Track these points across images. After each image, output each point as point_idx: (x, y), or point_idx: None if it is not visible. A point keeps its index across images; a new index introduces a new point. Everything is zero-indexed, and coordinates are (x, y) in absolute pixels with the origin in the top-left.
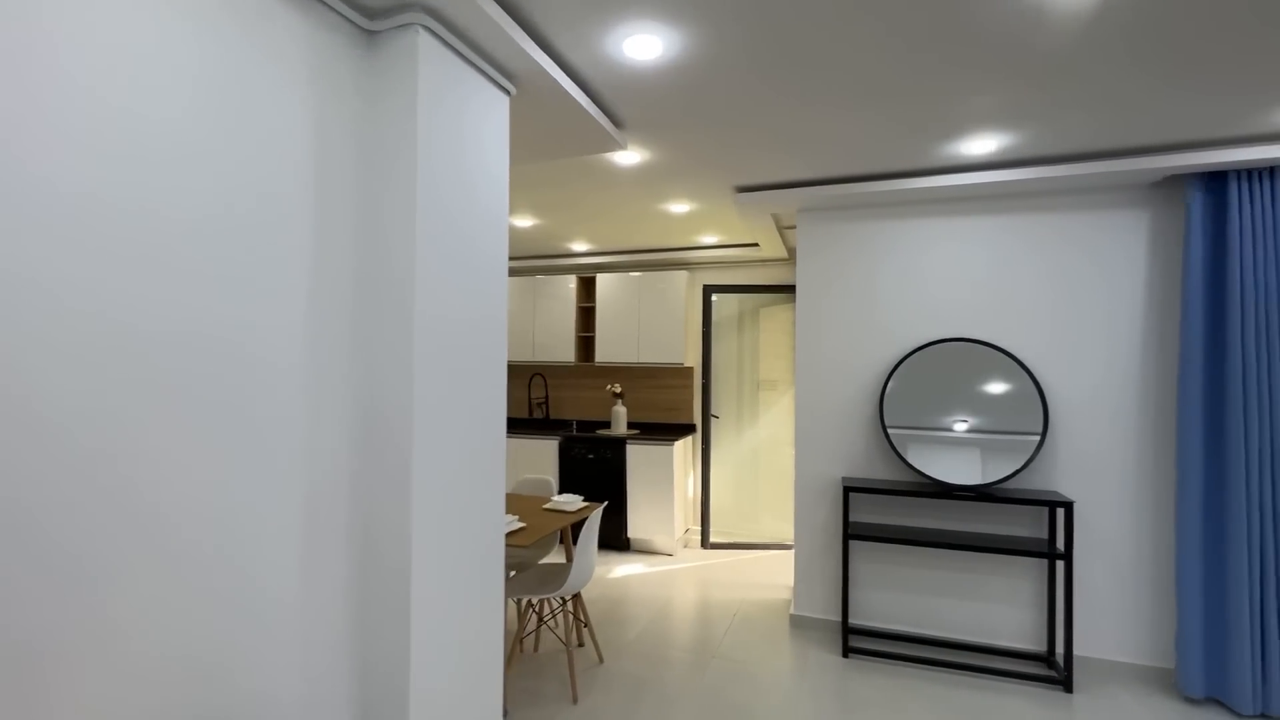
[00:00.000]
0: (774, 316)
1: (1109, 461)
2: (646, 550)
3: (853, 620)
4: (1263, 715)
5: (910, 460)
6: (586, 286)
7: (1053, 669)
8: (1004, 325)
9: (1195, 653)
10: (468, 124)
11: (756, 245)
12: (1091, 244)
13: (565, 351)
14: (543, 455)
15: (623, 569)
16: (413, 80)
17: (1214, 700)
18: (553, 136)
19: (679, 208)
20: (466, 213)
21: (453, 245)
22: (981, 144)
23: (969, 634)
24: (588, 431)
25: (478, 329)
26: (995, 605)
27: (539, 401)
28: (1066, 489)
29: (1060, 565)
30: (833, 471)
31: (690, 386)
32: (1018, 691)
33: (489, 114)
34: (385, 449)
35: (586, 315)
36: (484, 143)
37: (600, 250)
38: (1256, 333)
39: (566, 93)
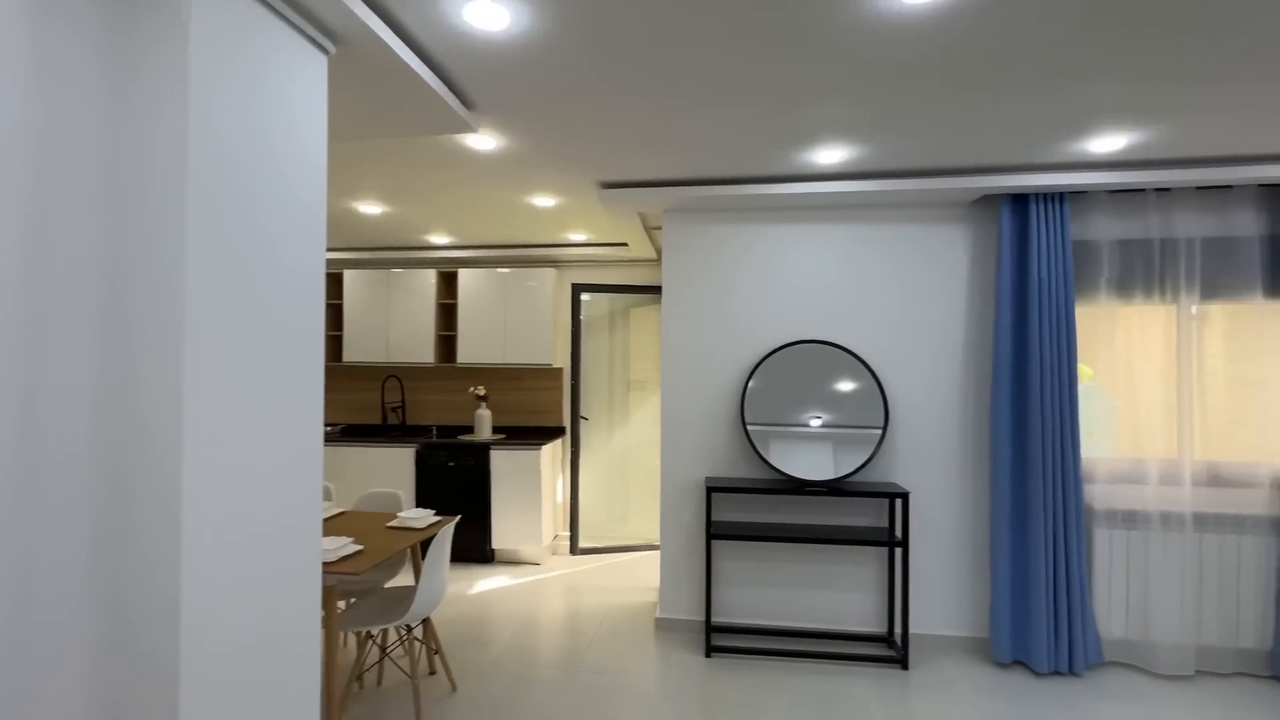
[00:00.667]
0: (645, 317)
1: (938, 454)
2: (513, 561)
3: (716, 619)
4: (1055, 673)
5: (770, 458)
6: (448, 282)
7: (892, 649)
8: (852, 328)
9: (1004, 622)
10: (270, 81)
11: (625, 245)
12: (926, 255)
13: (424, 352)
14: (397, 465)
15: (486, 583)
16: (184, 12)
17: (1019, 663)
18: (390, 110)
19: (544, 201)
20: (265, 187)
21: (243, 224)
22: (830, 154)
23: (822, 622)
24: (448, 437)
25: (282, 325)
26: (845, 593)
27: (394, 406)
28: (904, 480)
29: (899, 552)
30: (697, 472)
31: (559, 388)
32: (863, 673)
33: (298, 73)
34: (142, 475)
35: (448, 313)
36: (291, 105)
37: (463, 244)
38: (1054, 341)
39: (399, 58)
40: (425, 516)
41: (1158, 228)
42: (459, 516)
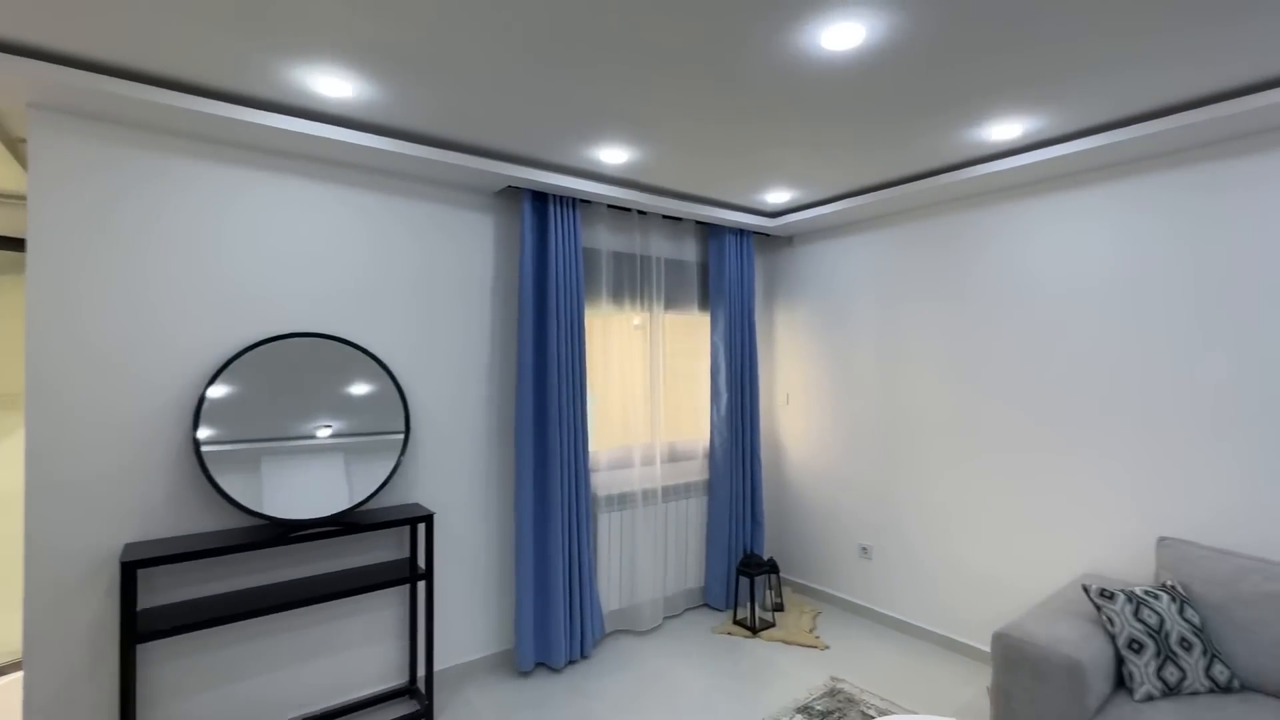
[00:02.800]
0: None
1: (465, 465)
2: None
3: None
4: (570, 663)
5: (248, 492)
6: None
7: (415, 699)
8: (366, 319)
9: (527, 627)
10: None
11: None
12: (454, 243)
13: None
14: None
15: None
16: None
17: (541, 665)
18: None
19: None
20: None
21: None
22: (330, 81)
23: (331, 698)
24: None
25: None
26: (357, 650)
27: None
28: (429, 499)
29: (422, 586)
30: (107, 538)
31: None
32: None
33: None
34: None
35: None
36: None
37: None
38: (569, 342)
39: None
40: None
41: (640, 245)
42: None
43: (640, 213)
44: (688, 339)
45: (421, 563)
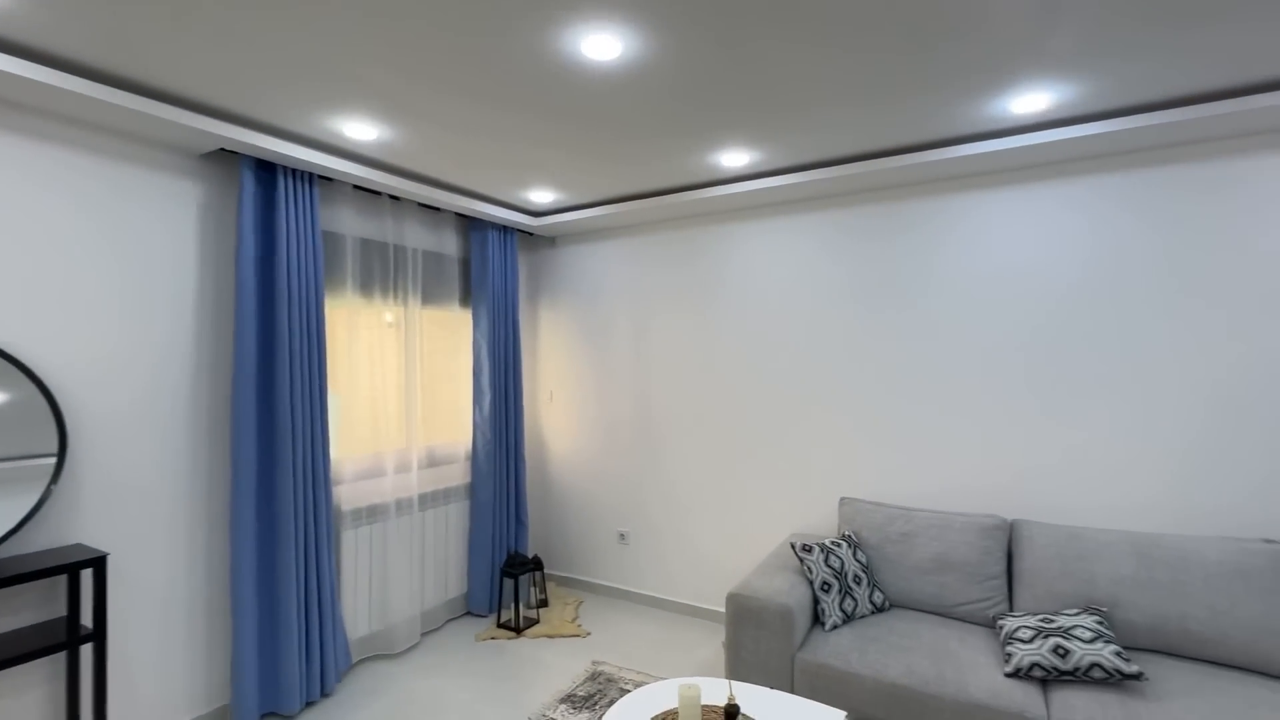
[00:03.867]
0: None
1: (164, 489)
2: None
3: None
4: (309, 704)
5: None
6: None
7: None
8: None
9: (250, 677)
10: None
11: None
12: (142, 212)
13: None
14: None
15: None
16: None
17: (270, 716)
18: None
19: None
20: None
21: None
22: None
23: None
24: None
25: None
26: None
27: None
28: (100, 537)
29: (89, 649)
30: None
31: None
32: None
33: None
34: None
35: None
36: None
37: None
38: (304, 336)
39: None
40: None
41: (394, 234)
42: None
43: (394, 198)
44: (448, 336)
45: (89, 620)
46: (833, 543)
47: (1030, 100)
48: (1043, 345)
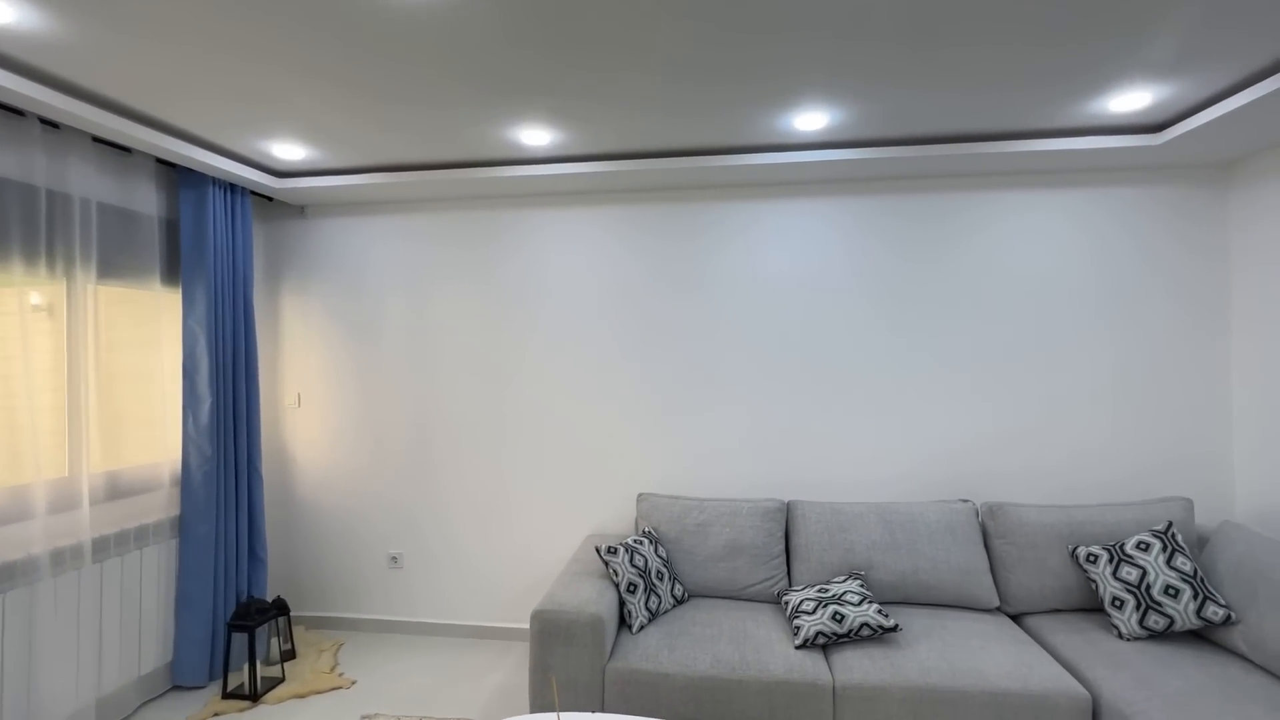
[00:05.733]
0: None
1: None
2: None
3: None
4: None
5: None
6: None
7: None
8: None
9: None
10: None
11: None
12: None
13: None
14: None
15: None
16: None
17: None
18: None
19: None
20: None
21: None
22: None
23: None
24: None
25: None
26: None
27: None
28: None
29: None
30: None
31: None
32: None
33: None
34: None
35: None
36: None
37: None
38: None
39: None
40: None
41: (46, 174)
42: None
43: (49, 123)
44: (143, 324)
45: None
46: (635, 540)
47: (811, 119)
48: (812, 345)
